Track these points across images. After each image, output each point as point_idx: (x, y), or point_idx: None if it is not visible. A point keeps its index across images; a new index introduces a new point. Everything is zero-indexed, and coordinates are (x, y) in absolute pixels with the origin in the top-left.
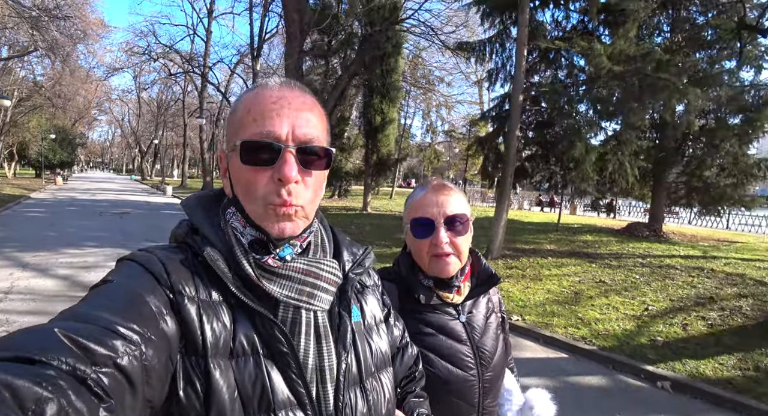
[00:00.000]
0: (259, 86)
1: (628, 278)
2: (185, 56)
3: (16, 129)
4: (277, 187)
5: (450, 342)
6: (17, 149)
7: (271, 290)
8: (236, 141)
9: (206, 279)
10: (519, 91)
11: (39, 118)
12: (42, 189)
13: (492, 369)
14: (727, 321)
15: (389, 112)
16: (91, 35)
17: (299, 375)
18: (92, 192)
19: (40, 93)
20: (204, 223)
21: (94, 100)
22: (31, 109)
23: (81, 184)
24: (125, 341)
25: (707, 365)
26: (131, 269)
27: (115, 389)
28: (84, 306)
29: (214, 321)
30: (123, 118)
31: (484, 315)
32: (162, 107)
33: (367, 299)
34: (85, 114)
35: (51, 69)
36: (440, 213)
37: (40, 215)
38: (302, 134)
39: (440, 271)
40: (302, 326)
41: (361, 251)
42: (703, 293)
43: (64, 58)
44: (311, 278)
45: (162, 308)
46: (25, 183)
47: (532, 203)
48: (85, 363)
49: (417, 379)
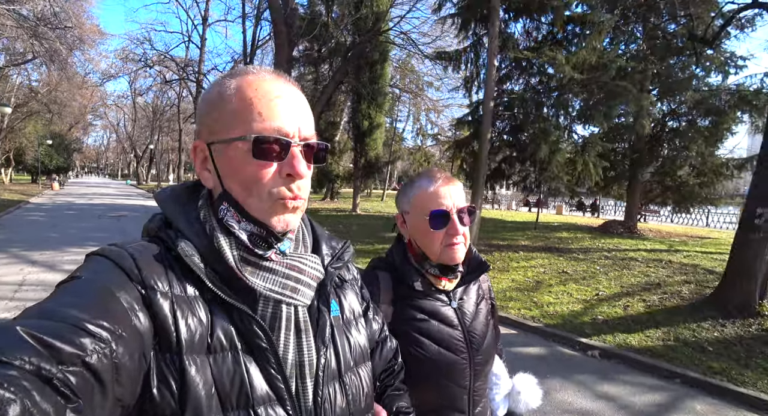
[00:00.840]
0: (251, 75)
1: (589, 269)
2: (180, 63)
3: (12, 135)
4: (286, 182)
5: (442, 327)
6: (14, 154)
7: (255, 284)
8: (244, 135)
9: (180, 274)
10: (490, 98)
11: (35, 124)
12: (40, 194)
13: (482, 352)
14: (665, 302)
15: (376, 117)
16: (87, 42)
17: (278, 370)
18: (89, 197)
19: (36, 99)
20: (178, 216)
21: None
22: (28, 115)
23: (77, 189)
24: (94, 338)
25: (635, 337)
26: (100, 265)
27: (84, 388)
28: (50, 303)
29: (189, 316)
30: (118, 123)
31: (474, 301)
32: (157, 112)
33: (346, 293)
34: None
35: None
36: (453, 205)
37: (41, 218)
38: (306, 130)
39: (452, 258)
40: (282, 321)
41: (340, 246)
42: (654, 280)
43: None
44: (295, 272)
45: (134, 303)
46: (22, 188)
47: (519, 204)
48: (50, 362)
49: (396, 372)
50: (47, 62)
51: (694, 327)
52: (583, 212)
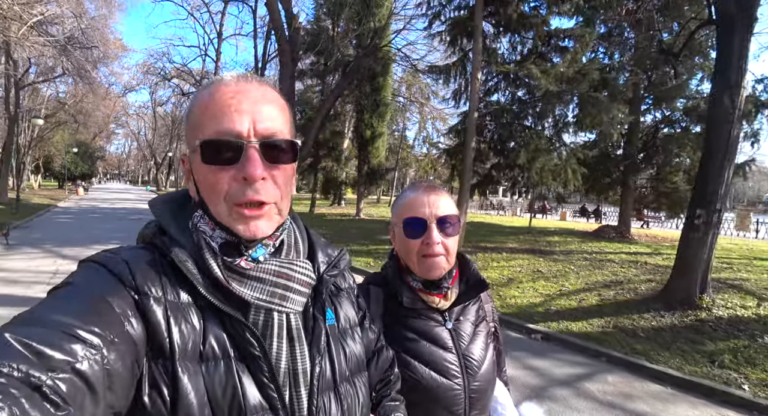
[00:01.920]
0: (215, 82)
1: (563, 268)
2: (196, 75)
3: (42, 144)
4: (242, 186)
5: (434, 349)
6: (42, 162)
7: (242, 293)
8: (195, 141)
9: (174, 280)
10: (474, 109)
11: (63, 133)
12: (66, 199)
13: (479, 378)
14: (618, 297)
15: (378, 126)
16: (111, 56)
17: (271, 379)
18: (111, 201)
19: (64, 110)
20: (171, 224)
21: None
22: (56, 125)
23: (100, 194)
24: (85, 345)
25: (578, 324)
26: (92, 271)
27: (74, 395)
28: (40, 310)
29: (182, 323)
30: (139, 131)
31: (472, 322)
32: (176, 122)
33: (342, 302)
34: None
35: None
36: (432, 213)
37: (68, 220)
38: (264, 128)
39: (430, 272)
40: (274, 328)
41: (336, 253)
42: (620, 279)
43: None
44: (283, 279)
45: (126, 309)
46: (50, 193)
47: (524, 210)
48: (39, 369)
49: (392, 383)
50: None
51: (635, 317)
52: (586, 218)
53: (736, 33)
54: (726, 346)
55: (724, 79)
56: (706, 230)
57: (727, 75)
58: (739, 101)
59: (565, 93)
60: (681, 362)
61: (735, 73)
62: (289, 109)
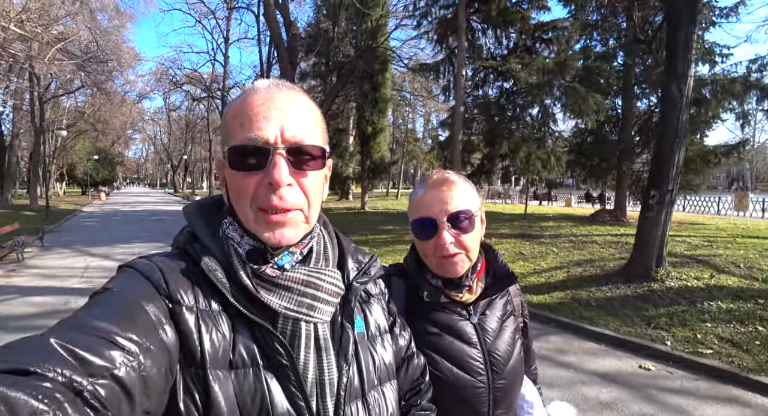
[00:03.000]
0: (247, 90)
1: (545, 250)
2: (206, 80)
3: (65, 153)
4: (268, 192)
5: (458, 344)
6: (66, 170)
7: (270, 302)
8: (225, 147)
9: (206, 288)
10: (460, 104)
11: (83, 141)
12: (90, 204)
13: (505, 376)
14: (584, 273)
15: (379, 122)
16: (124, 64)
17: (299, 388)
18: (132, 205)
19: (83, 120)
20: (203, 231)
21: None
22: (77, 134)
23: (121, 198)
24: (123, 351)
25: (539, 297)
26: (130, 277)
27: (112, 401)
28: (82, 316)
29: (213, 331)
30: (156, 136)
31: (499, 317)
32: (189, 125)
33: (372, 308)
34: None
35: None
36: (442, 211)
37: (93, 223)
38: (292, 135)
39: (448, 272)
40: (302, 338)
41: (367, 260)
42: (593, 258)
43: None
44: (311, 289)
45: (161, 317)
46: (75, 199)
47: (530, 197)
48: (81, 375)
49: (423, 392)
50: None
51: (593, 290)
52: (592, 203)
53: (682, 27)
54: (666, 311)
55: (672, 70)
56: (660, 210)
57: (675, 65)
58: (686, 90)
59: (545, 85)
60: (620, 325)
61: (682, 64)
62: (321, 116)
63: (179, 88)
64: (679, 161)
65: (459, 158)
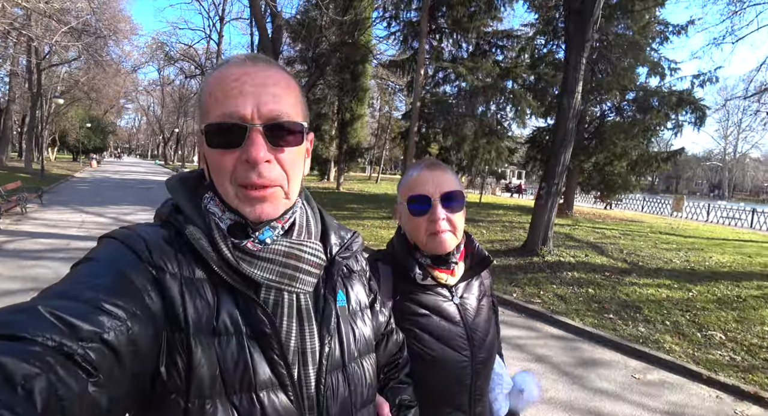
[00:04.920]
0: (222, 65)
1: (477, 231)
2: (200, 58)
3: (58, 119)
4: (247, 168)
5: (444, 323)
6: (58, 136)
7: (251, 274)
8: (202, 125)
9: (190, 257)
10: (417, 99)
11: (77, 109)
12: (81, 170)
13: (484, 350)
14: (491, 248)
15: (357, 109)
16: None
17: (281, 356)
18: (122, 173)
19: (77, 87)
20: (186, 203)
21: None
22: (71, 101)
23: (112, 167)
24: (110, 317)
25: None
26: (112, 247)
27: (103, 364)
28: (66, 284)
29: (197, 298)
30: (149, 107)
31: (477, 297)
32: (183, 99)
33: (353, 284)
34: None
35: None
36: (436, 190)
37: (86, 188)
38: (269, 110)
39: (438, 247)
40: (285, 307)
41: (349, 236)
42: (509, 239)
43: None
44: (293, 260)
45: (146, 284)
46: (66, 165)
47: (502, 189)
48: (71, 339)
49: (401, 366)
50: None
51: None
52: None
53: (573, 50)
54: (531, 276)
55: (565, 86)
56: (547, 199)
57: (567, 82)
58: (573, 102)
59: (489, 88)
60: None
61: (572, 82)
62: (299, 90)
63: (173, 63)
64: (565, 161)
65: (413, 149)
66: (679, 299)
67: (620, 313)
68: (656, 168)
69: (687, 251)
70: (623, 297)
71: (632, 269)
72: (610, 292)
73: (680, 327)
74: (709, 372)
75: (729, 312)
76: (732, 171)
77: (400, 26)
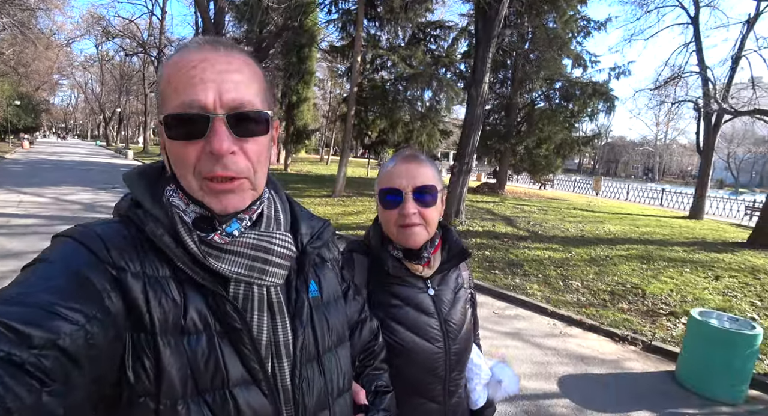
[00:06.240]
0: (180, 50)
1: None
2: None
3: None
4: (210, 160)
5: (417, 314)
6: None
7: (219, 268)
8: (161, 115)
9: (153, 255)
10: (354, 84)
11: (2, 84)
12: (12, 152)
13: (459, 342)
14: None
15: (304, 92)
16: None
17: (253, 351)
18: (60, 155)
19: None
20: (146, 197)
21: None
22: None
23: (47, 148)
24: (66, 321)
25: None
26: (67, 246)
27: (59, 371)
28: (17, 288)
29: (162, 297)
30: (86, 84)
31: (453, 289)
32: (125, 77)
33: (326, 273)
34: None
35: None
36: (409, 184)
37: (21, 169)
38: (231, 98)
39: (408, 241)
40: (255, 302)
41: (320, 225)
42: None
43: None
44: (261, 253)
45: (105, 285)
46: None
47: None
48: (20, 348)
49: (376, 353)
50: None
51: None
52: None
53: (481, 45)
54: None
55: (474, 76)
56: (459, 176)
57: (475, 74)
58: (481, 91)
59: (419, 75)
60: None
61: (480, 73)
62: (263, 77)
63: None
64: (474, 143)
65: (351, 131)
66: (559, 258)
67: (504, 269)
68: (578, 151)
69: (587, 223)
70: (512, 258)
71: (529, 237)
72: (503, 254)
73: (549, 278)
74: (554, 308)
75: (594, 267)
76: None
77: (339, 14)
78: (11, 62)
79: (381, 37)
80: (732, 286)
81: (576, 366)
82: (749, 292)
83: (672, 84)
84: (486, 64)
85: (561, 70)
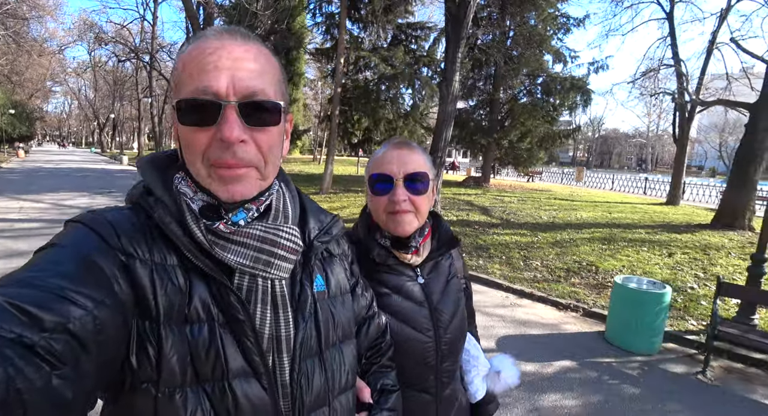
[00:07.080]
0: (198, 37)
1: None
2: (134, 40)
3: None
4: (220, 148)
5: (406, 303)
6: None
7: (225, 258)
8: (174, 100)
9: (161, 242)
10: (338, 85)
11: None
12: (8, 161)
13: (450, 332)
14: None
15: (293, 93)
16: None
17: (255, 343)
18: (55, 162)
19: None
20: (156, 185)
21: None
22: None
23: (42, 156)
24: (76, 306)
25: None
26: (79, 232)
27: (68, 355)
28: (29, 271)
29: (168, 284)
30: (80, 90)
31: (444, 278)
32: (118, 82)
33: (334, 268)
34: (41, 86)
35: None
36: (400, 170)
37: (18, 178)
38: (245, 86)
39: (397, 229)
40: (258, 294)
41: (329, 219)
42: None
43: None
44: (268, 245)
45: (114, 271)
46: None
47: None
48: (31, 330)
49: (384, 350)
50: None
51: None
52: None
53: (451, 46)
54: None
55: (445, 75)
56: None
57: (446, 73)
58: (452, 90)
59: (399, 74)
60: None
61: (450, 72)
62: (279, 68)
63: (104, 45)
64: (447, 137)
65: (336, 130)
66: (524, 242)
67: (471, 253)
68: (560, 144)
69: (562, 211)
70: (480, 242)
71: (501, 224)
72: (472, 239)
73: (512, 260)
74: (510, 284)
75: (555, 249)
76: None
77: (324, 17)
78: (5, 71)
79: (364, 39)
80: (682, 261)
81: (516, 328)
82: (696, 266)
83: (649, 77)
84: (456, 63)
85: (543, 66)
